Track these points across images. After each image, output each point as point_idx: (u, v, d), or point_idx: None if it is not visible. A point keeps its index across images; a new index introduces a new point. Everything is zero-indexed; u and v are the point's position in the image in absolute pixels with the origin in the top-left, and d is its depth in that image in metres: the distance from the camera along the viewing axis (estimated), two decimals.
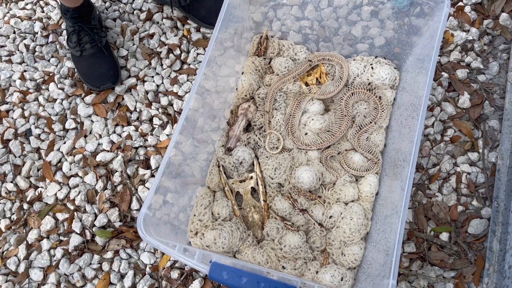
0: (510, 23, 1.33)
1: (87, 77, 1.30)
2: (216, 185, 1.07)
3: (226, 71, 1.11)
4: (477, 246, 1.11)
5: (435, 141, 1.22)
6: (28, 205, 1.22)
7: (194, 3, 1.36)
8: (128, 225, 1.18)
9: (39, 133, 1.31)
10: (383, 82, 1.11)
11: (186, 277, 1.10)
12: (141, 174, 1.23)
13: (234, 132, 1.12)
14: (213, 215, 1.03)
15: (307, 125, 1.11)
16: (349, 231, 0.97)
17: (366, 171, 1.05)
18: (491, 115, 1.24)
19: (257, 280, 0.76)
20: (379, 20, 1.11)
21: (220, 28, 1.01)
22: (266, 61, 1.21)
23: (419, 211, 1.13)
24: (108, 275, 1.12)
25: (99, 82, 1.29)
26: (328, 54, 1.16)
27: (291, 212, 1.04)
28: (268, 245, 1.00)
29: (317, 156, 1.09)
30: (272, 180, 1.06)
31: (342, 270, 0.95)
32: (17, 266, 1.15)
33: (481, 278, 1.07)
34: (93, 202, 1.21)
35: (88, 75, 1.29)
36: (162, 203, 0.91)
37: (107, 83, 1.29)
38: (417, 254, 1.09)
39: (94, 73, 1.28)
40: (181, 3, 1.36)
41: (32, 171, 1.26)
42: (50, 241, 1.17)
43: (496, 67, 1.29)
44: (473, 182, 1.16)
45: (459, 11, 1.36)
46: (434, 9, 1.00)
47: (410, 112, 0.97)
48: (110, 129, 1.29)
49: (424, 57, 0.99)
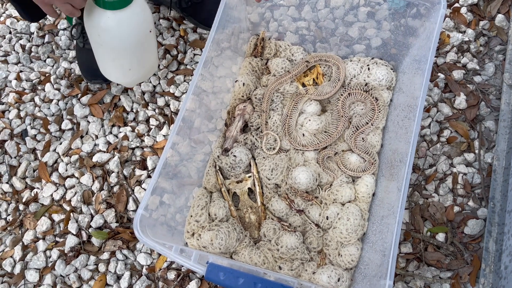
0: (506, 24, 1.34)
1: (83, 67, 1.29)
2: (213, 186, 1.07)
3: (223, 71, 1.11)
4: (473, 246, 1.11)
5: (432, 142, 1.22)
6: (24, 206, 1.21)
7: (195, 5, 1.36)
8: (125, 226, 1.17)
9: (35, 134, 1.30)
10: (380, 83, 1.11)
11: (182, 278, 1.10)
12: (137, 175, 1.22)
13: (231, 133, 1.12)
14: (210, 216, 1.03)
15: (304, 126, 1.11)
16: (346, 231, 0.97)
17: (362, 171, 1.05)
18: (487, 116, 1.24)
19: (254, 281, 0.76)
20: (375, 21, 1.12)
21: (217, 29, 1.01)
22: (263, 61, 1.21)
23: (415, 212, 1.13)
24: (105, 276, 1.12)
25: (92, 76, 1.28)
26: (325, 55, 1.16)
27: (288, 213, 1.04)
28: (265, 246, 1.00)
29: (314, 156, 1.09)
30: (269, 180, 1.06)
31: (339, 270, 0.95)
32: (12, 267, 1.15)
33: (477, 279, 1.07)
34: (89, 203, 1.21)
35: (85, 67, 1.29)
36: (159, 204, 0.91)
37: (98, 79, 1.28)
38: (413, 255, 1.10)
39: (90, 67, 1.27)
40: (182, 5, 1.35)
41: (28, 172, 1.25)
42: (46, 242, 1.17)
43: (492, 68, 1.29)
44: (469, 183, 1.17)
45: (455, 12, 1.37)
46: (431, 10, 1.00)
47: (407, 113, 0.98)
48: (107, 130, 1.29)
49: (421, 58, 0.99)
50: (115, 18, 0.90)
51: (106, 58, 1.03)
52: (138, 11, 0.93)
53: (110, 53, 0.99)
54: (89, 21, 0.92)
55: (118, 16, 0.90)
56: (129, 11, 0.91)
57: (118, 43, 0.95)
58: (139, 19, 0.94)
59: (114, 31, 0.92)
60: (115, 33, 0.93)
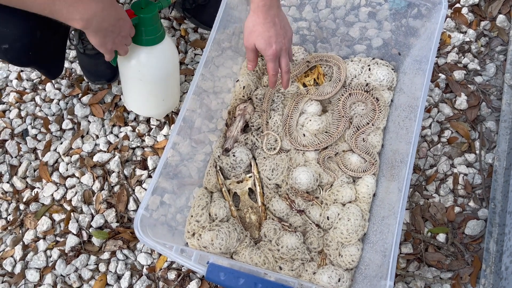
0: (507, 24, 1.34)
1: (86, 71, 1.31)
2: (213, 186, 1.07)
3: (224, 71, 1.11)
4: (474, 247, 1.11)
5: (432, 142, 1.22)
6: (24, 206, 1.21)
7: (199, 7, 1.36)
8: (125, 226, 1.17)
9: (36, 134, 1.30)
10: (381, 83, 1.11)
11: (183, 278, 1.10)
12: (138, 174, 1.22)
13: (231, 133, 1.12)
14: (210, 216, 1.03)
15: (304, 126, 1.11)
16: (347, 232, 0.97)
17: (363, 172, 1.05)
18: (488, 117, 1.24)
19: (254, 281, 0.76)
20: (376, 21, 1.12)
21: (218, 29, 1.01)
22: (264, 62, 1.21)
23: (416, 212, 1.13)
24: (105, 276, 1.12)
25: (95, 78, 1.30)
26: (326, 55, 1.16)
27: (289, 213, 1.04)
28: (266, 246, 1.00)
29: (314, 157, 1.09)
30: (270, 181, 1.06)
31: (339, 271, 0.95)
32: (13, 267, 1.15)
33: (478, 279, 1.07)
34: (90, 202, 1.21)
35: (87, 70, 1.30)
36: (159, 204, 0.91)
37: (102, 80, 1.29)
38: (414, 255, 1.10)
39: (92, 70, 1.29)
40: (186, 5, 1.35)
41: (29, 172, 1.25)
42: (46, 242, 1.17)
43: (493, 68, 1.29)
44: (470, 183, 1.17)
45: (456, 13, 1.37)
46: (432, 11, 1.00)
47: (408, 113, 0.98)
48: (107, 130, 1.29)
49: (422, 58, 0.99)
50: (152, 53, 1.04)
51: (143, 91, 1.13)
52: (169, 45, 1.08)
53: (148, 86, 1.10)
54: (127, 61, 1.05)
55: (154, 50, 1.04)
56: (162, 46, 1.04)
57: (156, 74, 1.08)
58: (171, 52, 1.09)
59: (153, 64, 1.06)
60: (154, 65, 1.06)
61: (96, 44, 0.93)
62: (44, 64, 1.12)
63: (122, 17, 0.93)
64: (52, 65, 1.16)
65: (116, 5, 0.92)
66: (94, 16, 0.86)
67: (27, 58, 1.00)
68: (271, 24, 0.93)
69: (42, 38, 0.99)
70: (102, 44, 0.93)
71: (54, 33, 1.05)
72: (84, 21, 0.86)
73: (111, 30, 0.91)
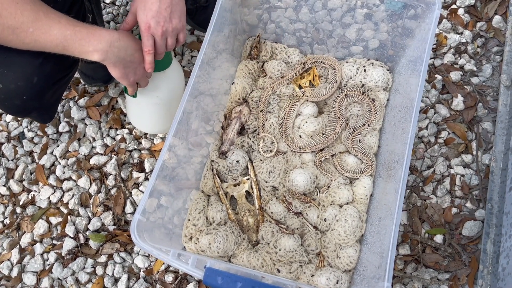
0: (503, 25, 1.34)
1: (82, 73, 1.31)
2: (210, 189, 1.07)
3: (220, 73, 1.11)
4: (471, 248, 1.11)
5: (429, 143, 1.22)
6: (21, 209, 1.21)
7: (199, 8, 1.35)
8: (122, 229, 1.17)
9: (32, 136, 1.30)
10: (376, 84, 1.11)
11: (180, 281, 1.10)
12: (135, 177, 1.22)
13: (228, 136, 1.12)
14: (208, 220, 1.02)
15: (301, 127, 1.11)
16: (344, 233, 0.97)
17: (360, 173, 1.05)
18: (484, 117, 1.24)
19: (252, 285, 0.76)
20: (373, 23, 1.12)
21: (213, 31, 1.01)
22: (259, 64, 1.21)
23: (413, 213, 1.13)
24: (102, 279, 1.11)
25: (92, 80, 1.30)
26: (321, 57, 1.16)
27: (286, 216, 1.04)
28: (263, 248, 0.99)
29: (311, 158, 1.09)
30: (267, 183, 1.06)
31: (338, 273, 0.95)
32: (10, 270, 1.14)
33: (475, 280, 1.07)
34: (86, 205, 1.20)
35: (83, 72, 1.30)
36: (156, 206, 0.90)
37: (99, 82, 1.30)
38: (411, 256, 1.10)
39: (89, 72, 1.29)
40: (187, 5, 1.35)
41: (25, 175, 1.25)
42: (43, 245, 1.16)
43: (489, 69, 1.29)
44: (467, 184, 1.17)
45: (452, 14, 1.37)
46: (426, 12, 1.00)
47: (403, 114, 0.97)
48: (104, 132, 1.29)
49: (416, 59, 0.99)
50: (166, 76, 1.07)
51: (161, 113, 1.14)
52: (177, 66, 1.13)
53: (164, 107, 1.12)
54: (144, 90, 1.05)
55: (168, 73, 1.07)
56: (172, 65, 1.08)
57: (172, 95, 1.11)
58: (179, 68, 1.14)
59: (169, 86, 1.09)
60: (170, 88, 1.10)
61: (118, 77, 0.90)
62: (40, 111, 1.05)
63: (140, 48, 0.90)
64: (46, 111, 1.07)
65: (132, 36, 0.89)
66: (110, 46, 0.84)
67: (23, 105, 0.93)
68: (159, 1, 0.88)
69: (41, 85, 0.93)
70: (124, 76, 0.90)
71: (55, 82, 0.98)
72: (99, 52, 0.83)
73: (130, 60, 0.89)
